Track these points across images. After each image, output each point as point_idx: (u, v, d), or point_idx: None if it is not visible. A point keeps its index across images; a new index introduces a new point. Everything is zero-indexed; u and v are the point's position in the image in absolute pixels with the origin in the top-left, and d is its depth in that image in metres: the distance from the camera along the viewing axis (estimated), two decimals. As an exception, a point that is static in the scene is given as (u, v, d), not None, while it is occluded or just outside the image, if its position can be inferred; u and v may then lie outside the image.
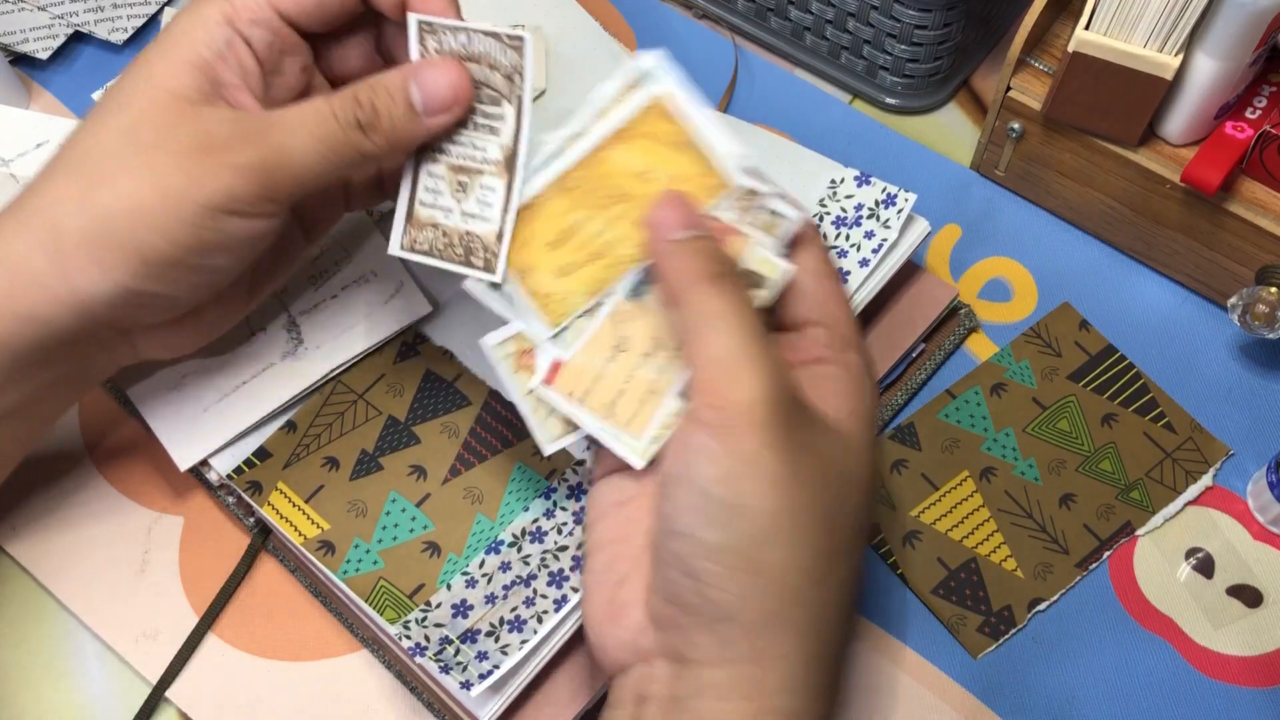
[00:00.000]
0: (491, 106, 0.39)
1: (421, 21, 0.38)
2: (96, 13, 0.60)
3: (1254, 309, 0.47)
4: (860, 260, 0.47)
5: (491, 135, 0.39)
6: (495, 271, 0.39)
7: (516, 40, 0.38)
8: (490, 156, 0.39)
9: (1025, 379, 0.50)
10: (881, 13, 0.54)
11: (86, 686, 0.45)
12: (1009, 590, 0.46)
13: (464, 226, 0.39)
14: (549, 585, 0.41)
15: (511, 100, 0.38)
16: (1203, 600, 0.46)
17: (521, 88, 0.38)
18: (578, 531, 0.42)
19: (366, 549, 0.43)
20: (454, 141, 0.39)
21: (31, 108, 0.58)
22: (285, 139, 0.36)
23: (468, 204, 0.39)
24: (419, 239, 0.40)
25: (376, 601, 0.42)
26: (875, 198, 0.48)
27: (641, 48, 0.60)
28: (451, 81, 0.38)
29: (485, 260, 0.39)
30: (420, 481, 0.44)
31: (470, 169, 0.39)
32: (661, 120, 0.37)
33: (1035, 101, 0.50)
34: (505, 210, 0.39)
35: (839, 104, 0.59)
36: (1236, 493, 0.48)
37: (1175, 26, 0.44)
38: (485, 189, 0.39)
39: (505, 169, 0.39)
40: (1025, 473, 0.48)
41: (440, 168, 0.39)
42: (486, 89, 0.38)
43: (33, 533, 0.47)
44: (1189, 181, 0.47)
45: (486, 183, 0.39)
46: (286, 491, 0.44)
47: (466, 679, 0.39)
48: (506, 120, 0.39)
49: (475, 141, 0.39)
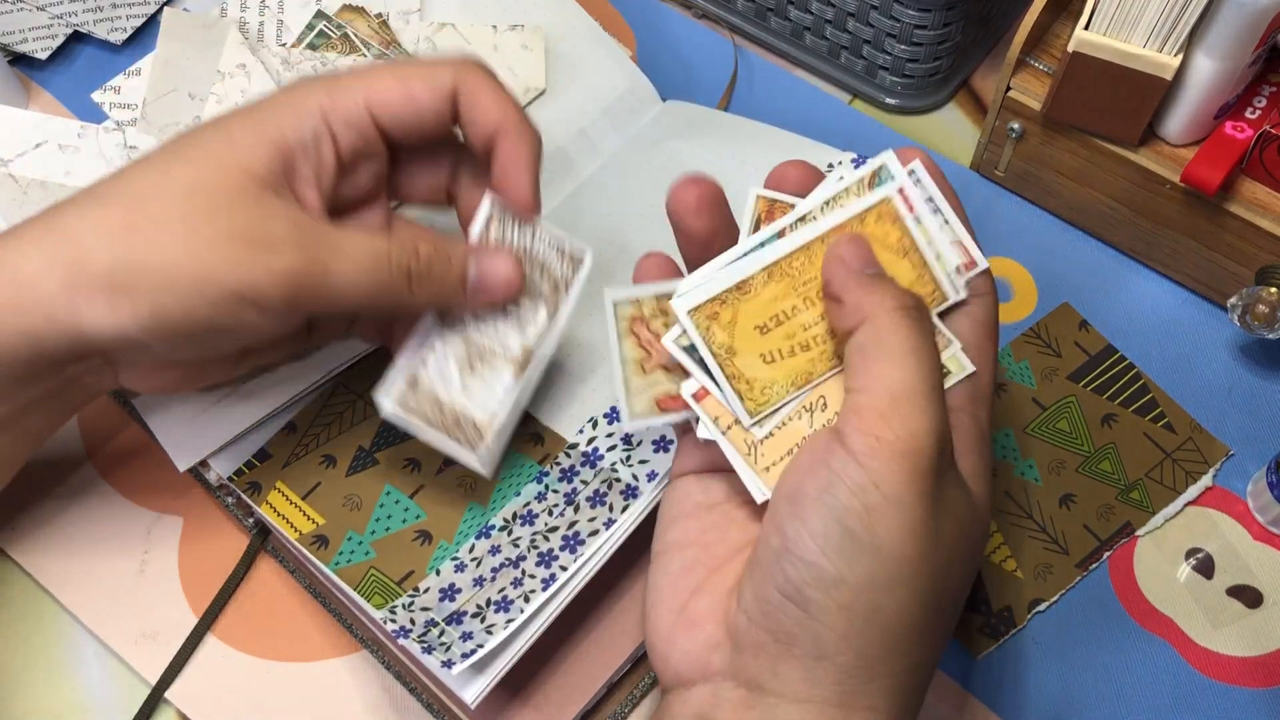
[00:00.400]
0: (529, 304, 0.40)
1: (496, 202, 0.39)
2: (96, 13, 0.60)
3: (1254, 309, 0.47)
4: None
5: (518, 331, 0.40)
6: (476, 450, 0.39)
7: (577, 260, 0.40)
8: (510, 349, 0.40)
9: (1025, 379, 0.50)
10: (881, 13, 0.54)
11: (86, 687, 0.45)
12: (1009, 590, 0.46)
13: (461, 403, 0.40)
14: (538, 565, 0.41)
15: (549, 307, 0.40)
16: (1203, 600, 0.46)
17: (564, 301, 0.40)
18: (569, 512, 0.42)
19: (359, 540, 0.43)
20: (481, 322, 0.40)
21: (30, 108, 0.58)
22: (334, 262, 0.36)
23: (471, 384, 0.40)
24: (415, 404, 0.40)
25: (365, 589, 0.41)
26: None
27: (641, 48, 0.60)
28: (507, 278, 0.39)
29: (468, 437, 0.40)
30: (414, 473, 0.44)
31: (486, 354, 0.40)
32: (888, 222, 0.35)
33: (1035, 101, 0.50)
34: (505, 402, 0.40)
35: (839, 104, 0.59)
36: (1236, 493, 0.48)
37: (1175, 26, 0.44)
38: (494, 376, 0.40)
39: (520, 365, 0.40)
40: (1025, 473, 0.48)
41: (458, 341, 0.40)
42: (529, 285, 0.40)
43: (32, 533, 0.47)
44: (1189, 181, 0.47)
45: (497, 370, 0.40)
46: (284, 490, 0.44)
47: (449, 658, 0.38)
48: (537, 322, 0.40)
49: (501, 330, 0.40)
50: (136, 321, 0.35)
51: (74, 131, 0.51)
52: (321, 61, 0.52)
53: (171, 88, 0.51)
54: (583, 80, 0.54)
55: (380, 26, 0.54)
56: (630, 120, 0.54)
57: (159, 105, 0.51)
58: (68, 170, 0.50)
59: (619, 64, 0.55)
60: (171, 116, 0.51)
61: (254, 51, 0.52)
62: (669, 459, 0.42)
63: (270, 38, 0.53)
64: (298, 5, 0.54)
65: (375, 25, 0.54)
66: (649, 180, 0.52)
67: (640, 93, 0.55)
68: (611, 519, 0.41)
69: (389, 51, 0.53)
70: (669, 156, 0.52)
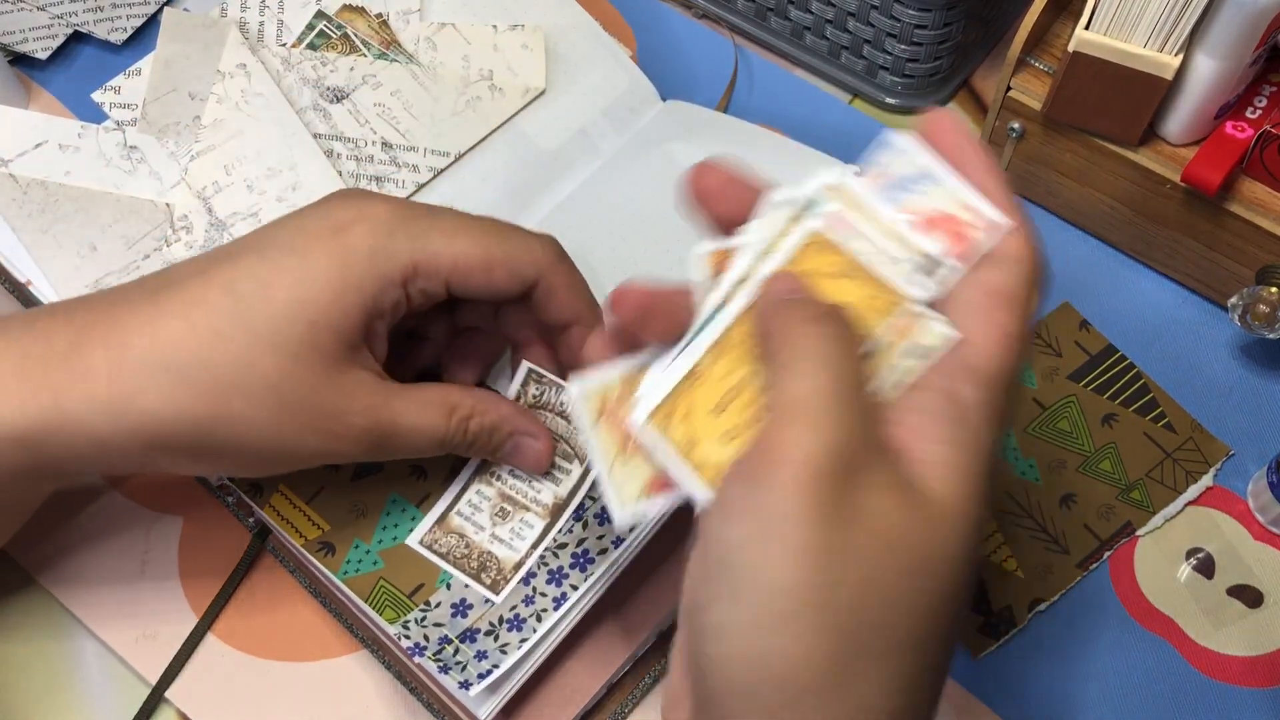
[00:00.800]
0: (563, 460, 0.43)
1: (531, 370, 0.42)
2: (96, 13, 0.60)
3: (1254, 309, 0.47)
4: None
5: (552, 483, 0.42)
6: (500, 594, 0.41)
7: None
8: (542, 500, 0.42)
9: (1025, 379, 0.50)
10: (881, 13, 0.54)
11: (86, 686, 0.45)
12: (1009, 590, 0.46)
13: (488, 547, 0.42)
14: (548, 583, 0.41)
15: (582, 463, 0.42)
16: (1203, 600, 0.46)
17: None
18: (577, 529, 0.42)
19: (366, 549, 0.43)
20: (516, 475, 0.43)
21: (31, 107, 0.58)
22: (399, 421, 0.38)
23: (501, 530, 0.42)
24: (440, 541, 0.42)
25: (376, 602, 0.42)
26: None
27: (641, 48, 0.60)
28: (539, 455, 0.42)
29: (493, 581, 0.41)
30: (420, 481, 0.44)
31: (519, 502, 0.42)
32: (824, 253, 0.32)
33: (1035, 101, 0.50)
34: (534, 547, 0.42)
35: (839, 104, 0.59)
36: (1237, 493, 0.48)
37: (1175, 26, 0.44)
38: (524, 524, 0.42)
39: (550, 514, 0.42)
40: (1025, 473, 0.48)
41: (491, 490, 0.43)
42: (564, 443, 0.42)
43: (33, 533, 0.47)
44: (1189, 181, 0.47)
45: (528, 519, 0.42)
46: (287, 493, 0.44)
47: (465, 678, 0.39)
48: (570, 477, 0.42)
49: (535, 482, 0.43)
50: (214, 472, 0.39)
51: (74, 131, 0.51)
52: (321, 61, 0.52)
53: (171, 87, 0.51)
54: (583, 80, 0.54)
55: (380, 26, 0.54)
56: (630, 120, 0.54)
57: (159, 105, 0.51)
58: (68, 170, 0.50)
59: (619, 64, 0.55)
60: (171, 117, 0.51)
61: (254, 51, 0.52)
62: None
63: (270, 37, 0.53)
64: (298, 5, 0.54)
65: (375, 25, 0.54)
66: (649, 180, 0.52)
67: (640, 93, 0.55)
68: (620, 538, 0.41)
69: (389, 51, 0.53)
70: (668, 158, 0.52)
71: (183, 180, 0.50)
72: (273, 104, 0.51)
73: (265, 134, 0.51)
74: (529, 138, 0.53)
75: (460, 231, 0.39)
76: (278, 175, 0.50)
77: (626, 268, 0.50)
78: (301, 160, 0.50)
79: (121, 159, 0.50)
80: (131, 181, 0.50)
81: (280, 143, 0.51)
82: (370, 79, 0.52)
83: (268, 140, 0.51)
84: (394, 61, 0.53)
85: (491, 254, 0.39)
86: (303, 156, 0.50)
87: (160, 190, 0.50)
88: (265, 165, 0.50)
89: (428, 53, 0.53)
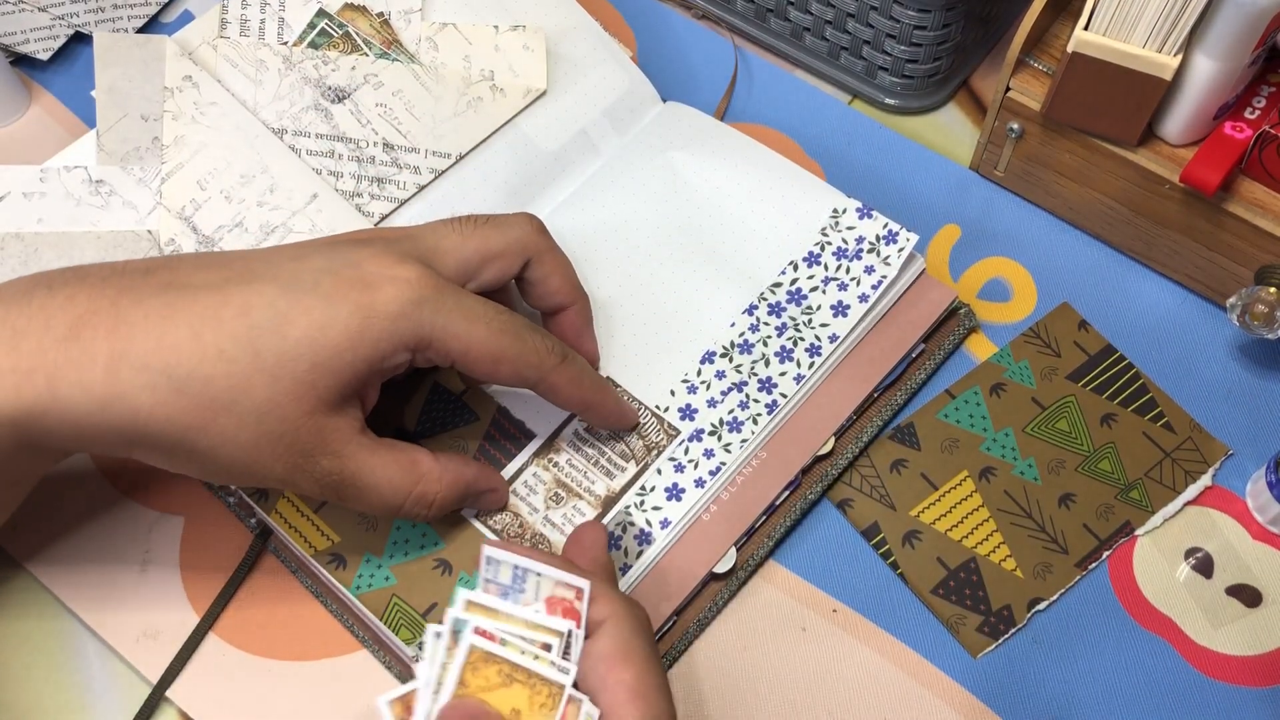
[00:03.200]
0: (620, 459, 0.45)
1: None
2: (97, 13, 0.60)
3: (1253, 309, 0.47)
4: (860, 295, 0.48)
5: (607, 477, 0.45)
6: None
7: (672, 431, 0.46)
8: (595, 490, 0.45)
9: (1025, 379, 0.50)
10: (881, 13, 0.54)
11: (87, 685, 0.45)
12: (1009, 590, 0.46)
13: (541, 529, 0.44)
14: None
15: (639, 464, 0.45)
16: (1202, 600, 0.46)
17: (655, 461, 0.45)
18: None
19: (378, 564, 0.43)
20: (573, 465, 0.45)
21: (33, 108, 0.59)
22: (362, 477, 0.39)
23: (554, 514, 0.44)
24: (496, 518, 0.44)
25: (391, 620, 0.42)
26: (876, 232, 0.49)
27: (642, 48, 0.60)
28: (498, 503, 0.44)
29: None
30: None
31: (573, 490, 0.45)
32: (486, 666, 0.34)
33: (1035, 101, 0.51)
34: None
35: (838, 104, 0.59)
36: (1236, 493, 0.48)
37: (1175, 27, 0.44)
38: (576, 510, 0.44)
39: (602, 505, 0.44)
40: (1025, 473, 0.48)
41: (548, 475, 0.45)
42: (624, 444, 0.45)
43: (33, 532, 0.47)
44: (1188, 181, 0.47)
45: (580, 507, 0.44)
46: (293, 499, 0.44)
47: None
48: (624, 474, 0.45)
49: (591, 475, 0.45)
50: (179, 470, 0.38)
51: (35, 177, 0.49)
52: (323, 60, 0.52)
53: (122, 114, 0.50)
54: (583, 80, 0.54)
55: (382, 26, 0.54)
56: (630, 120, 0.54)
57: (113, 134, 0.49)
58: (39, 218, 0.48)
59: (619, 64, 0.55)
60: (130, 143, 0.49)
61: (193, 59, 0.51)
62: (682, 508, 0.45)
63: (272, 36, 0.53)
64: (299, 3, 0.54)
65: (377, 24, 0.54)
66: (649, 181, 0.52)
67: (640, 93, 0.55)
68: (626, 564, 0.42)
69: (390, 51, 0.53)
70: (673, 171, 0.52)
71: (159, 204, 0.49)
72: (228, 110, 0.51)
73: (229, 142, 0.50)
74: (529, 138, 0.53)
75: (480, 321, 0.40)
76: (252, 181, 0.50)
77: (626, 268, 0.50)
78: (272, 161, 0.50)
79: (91, 195, 0.49)
80: (107, 216, 0.49)
81: (246, 147, 0.50)
82: (372, 78, 0.52)
83: (233, 148, 0.50)
84: (395, 61, 0.53)
85: (504, 352, 0.40)
86: (272, 157, 0.50)
87: (139, 219, 0.49)
88: (238, 173, 0.50)
89: (429, 52, 0.53)
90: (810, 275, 0.49)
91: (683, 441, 0.46)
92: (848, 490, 0.48)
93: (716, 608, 0.46)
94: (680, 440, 0.46)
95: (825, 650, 0.45)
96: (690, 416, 0.46)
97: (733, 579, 0.46)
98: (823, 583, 0.47)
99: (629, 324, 0.48)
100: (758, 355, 0.47)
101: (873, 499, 0.48)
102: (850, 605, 0.46)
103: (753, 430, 0.46)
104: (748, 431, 0.46)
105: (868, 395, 0.48)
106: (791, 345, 0.48)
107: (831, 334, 0.48)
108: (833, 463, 0.48)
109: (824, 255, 0.49)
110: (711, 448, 0.45)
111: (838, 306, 0.48)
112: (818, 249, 0.49)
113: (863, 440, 0.48)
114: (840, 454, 0.48)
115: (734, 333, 0.48)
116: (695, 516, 0.45)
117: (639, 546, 0.44)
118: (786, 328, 0.48)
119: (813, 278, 0.49)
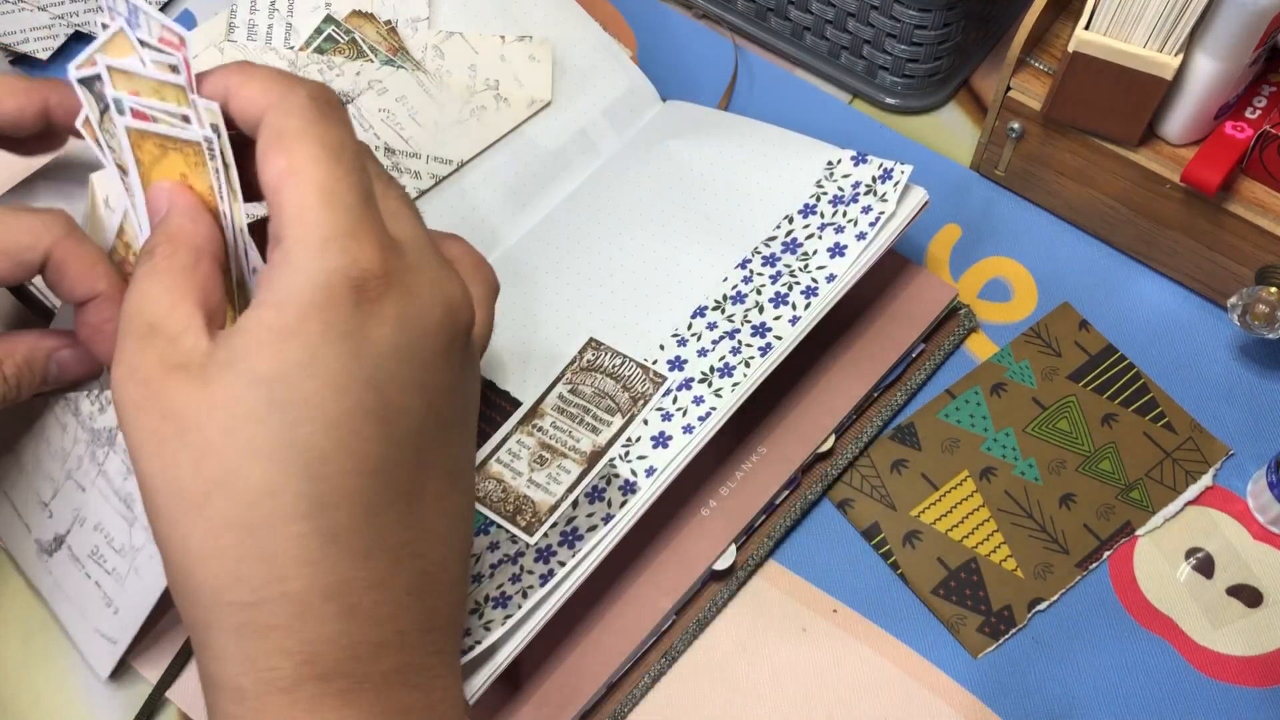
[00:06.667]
0: (606, 414, 0.44)
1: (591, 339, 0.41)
2: (97, 13, 0.60)
3: (1254, 309, 0.47)
4: (858, 234, 0.46)
5: (591, 433, 0.43)
6: (533, 535, 0.41)
7: (659, 379, 0.44)
8: (580, 448, 0.43)
9: (1025, 379, 0.50)
10: (881, 13, 0.54)
11: (87, 685, 0.45)
12: (1009, 590, 0.46)
13: (525, 491, 0.43)
14: (536, 560, 0.41)
15: (626, 416, 0.43)
16: (1203, 600, 0.46)
17: (641, 411, 0.43)
18: (566, 508, 0.42)
19: None
20: (557, 427, 0.44)
21: (32, 108, 0.58)
22: None
23: (539, 475, 0.43)
24: (479, 487, 0.43)
25: None
26: (872, 174, 0.47)
27: (642, 48, 0.60)
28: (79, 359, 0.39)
29: (528, 523, 0.42)
30: None
31: (558, 450, 0.43)
32: (144, 141, 0.34)
33: (1035, 101, 0.51)
34: (569, 491, 0.42)
35: (839, 104, 0.59)
36: (1236, 493, 0.48)
37: (1175, 26, 0.44)
38: (561, 469, 0.43)
39: (587, 461, 0.43)
40: (1025, 472, 0.48)
41: (532, 440, 0.44)
42: (609, 399, 0.44)
43: (33, 533, 0.47)
44: (1189, 181, 0.47)
45: (565, 465, 0.43)
46: None
47: None
48: (610, 429, 0.43)
49: (576, 433, 0.44)
50: None
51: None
52: (328, 65, 0.52)
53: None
54: (583, 80, 0.54)
55: (388, 33, 0.54)
56: (630, 120, 0.54)
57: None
58: None
59: (619, 64, 0.55)
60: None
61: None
62: (669, 455, 0.42)
63: (279, 40, 0.53)
64: (307, 9, 0.54)
65: (383, 32, 0.54)
66: (649, 180, 0.52)
67: (640, 93, 0.55)
68: (610, 514, 0.41)
69: (396, 58, 0.53)
70: (669, 156, 0.52)
71: None
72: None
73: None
74: (529, 138, 0.53)
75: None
76: None
77: (626, 268, 0.50)
78: None
79: None
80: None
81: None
82: (376, 84, 0.52)
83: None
84: (401, 68, 0.53)
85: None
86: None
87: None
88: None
89: (434, 61, 0.53)
90: (806, 224, 0.47)
91: (670, 390, 0.44)
92: (848, 490, 0.48)
93: (716, 607, 0.46)
94: (668, 388, 0.44)
95: (825, 650, 0.45)
96: (680, 367, 0.44)
97: (732, 579, 0.46)
98: (823, 583, 0.47)
99: (620, 290, 0.48)
100: (750, 304, 0.45)
101: (873, 499, 0.48)
102: (850, 605, 0.46)
103: (745, 373, 0.43)
104: (739, 375, 0.43)
105: (868, 393, 0.48)
106: (786, 290, 0.45)
107: (829, 274, 0.45)
108: (833, 462, 0.48)
109: (820, 205, 0.47)
110: (701, 394, 0.43)
111: (835, 248, 0.46)
112: (813, 200, 0.48)
113: (863, 440, 0.48)
114: (840, 454, 0.48)
115: (726, 286, 0.46)
116: (683, 464, 0.43)
117: (623, 496, 0.42)
118: (781, 275, 0.46)
119: (808, 226, 0.47)
